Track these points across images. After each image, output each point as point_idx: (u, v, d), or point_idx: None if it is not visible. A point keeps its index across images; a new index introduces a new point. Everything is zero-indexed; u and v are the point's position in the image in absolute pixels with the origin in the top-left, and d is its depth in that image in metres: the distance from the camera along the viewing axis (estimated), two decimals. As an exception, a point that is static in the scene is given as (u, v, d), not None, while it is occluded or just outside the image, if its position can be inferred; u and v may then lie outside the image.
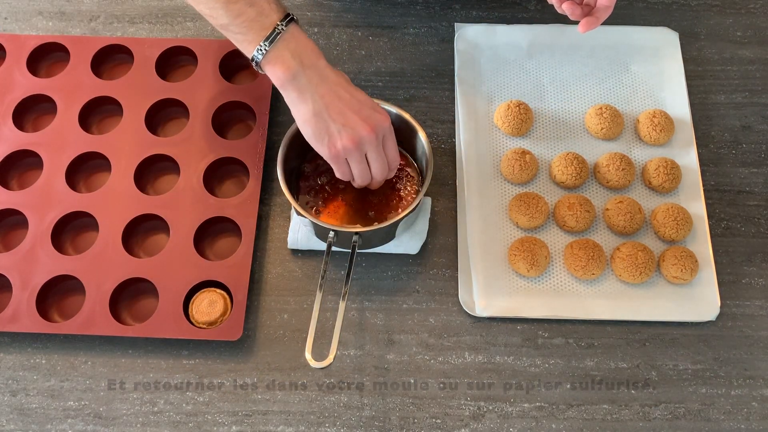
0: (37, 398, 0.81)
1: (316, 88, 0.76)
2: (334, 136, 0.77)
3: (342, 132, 0.76)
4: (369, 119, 0.77)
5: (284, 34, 0.75)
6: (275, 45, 0.75)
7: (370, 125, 0.76)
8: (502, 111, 0.94)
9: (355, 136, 0.76)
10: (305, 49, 0.76)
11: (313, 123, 0.77)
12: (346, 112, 0.76)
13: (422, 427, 0.79)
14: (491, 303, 0.84)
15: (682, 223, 0.86)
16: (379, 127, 0.77)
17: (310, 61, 0.76)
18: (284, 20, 0.76)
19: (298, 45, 0.76)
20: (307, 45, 0.77)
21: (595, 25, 0.82)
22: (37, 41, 0.99)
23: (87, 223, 0.88)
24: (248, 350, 0.83)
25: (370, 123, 0.76)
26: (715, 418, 0.79)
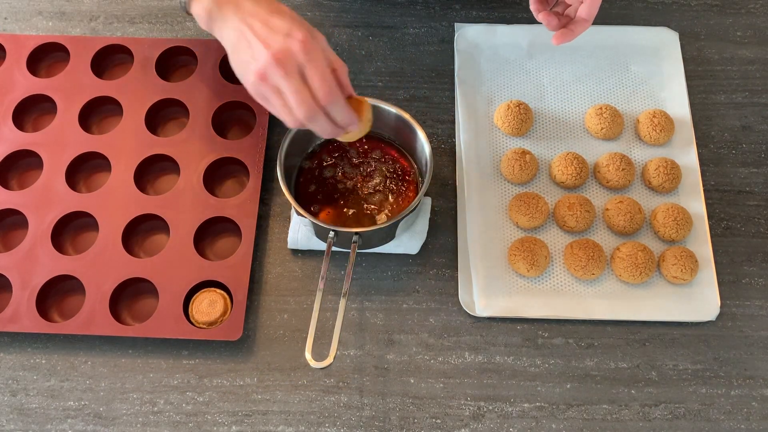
0: (37, 398, 0.81)
1: (229, 22, 0.73)
2: (246, 71, 0.72)
3: (249, 65, 0.71)
4: (273, 44, 0.69)
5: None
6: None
7: (272, 51, 0.68)
8: (502, 111, 0.94)
9: (258, 69, 0.69)
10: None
11: (232, 60, 0.74)
12: (252, 43, 0.70)
13: (422, 427, 0.79)
14: (491, 303, 0.84)
15: (682, 223, 0.86)
16: (284, 53, 0.69)
17: None
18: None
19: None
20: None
21: (570, 38, 0.81)
22: (37, 41, 0.99)
23: (87, 223, 0.88)
24: (248, 350, 0.83)
25: (273, 49, 0.69)
26: (715, 418, 0.79)
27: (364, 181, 0.88)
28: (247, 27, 0.71)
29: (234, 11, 0.73)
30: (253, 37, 0.70)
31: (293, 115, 0.71)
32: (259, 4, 0.73)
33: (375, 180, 0.88)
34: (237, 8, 0.73)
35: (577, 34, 0.82)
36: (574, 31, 0.82)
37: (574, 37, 0.82)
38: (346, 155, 0.90)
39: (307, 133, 0.87)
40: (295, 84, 0.69)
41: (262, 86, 0.70)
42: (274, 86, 0.70)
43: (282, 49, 0.69)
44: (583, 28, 0.82)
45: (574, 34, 0.82)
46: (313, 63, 0.69)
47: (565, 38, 0.82)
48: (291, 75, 0.69)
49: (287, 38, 0.69)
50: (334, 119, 0.73)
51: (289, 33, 0.70)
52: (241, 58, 0.72)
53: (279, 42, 0.69)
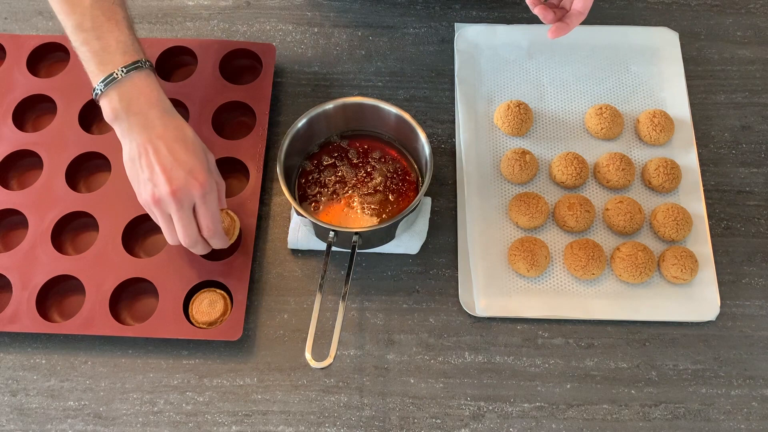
0: (37, 398, 0.81)
1: (134, 135, 0.76)
2: (140, 186, 0.76)
3: (146, 185, 0.75)
4: (174, 181, 0.74)
5: (121, 80, 0.75)
6: (109, 86, 0.75)
7: (172, 187, 0.74)
8: (502, 111, 0.94)
9: (156, 194, 0.75)
10: (139, 96, 0.76)
11: (128, 167, 0.77)
12: (154, 166, 0.74)
13: (422, 427, 0.79)
14: (491, 303, 0.84)
15: (682, 223, 0.86)
16: (183, 191, 0.74)
17: (138, 108, 0.75)
18: (128, 66, 0.75)
19: (131, 90, 0.75)
20: (144, 92, 0.76)
21: (565, 31, 0.82)
22: (37, 41, 0.99)
23: (87, 223, 0.88)
24: (248, 350, 0.83)
25: (173, 185, 0.74)
26: (715, 418, 0.79)
27: (364, 181, 0.88)
28: (153, 150, 0.75)
29: (142, 127, 0.75)
30: (156, 165, 0.74)
31: (175, 239, 0.78)
32: (167, 128, 0.76)
33: (375, 180, 0.88)
34: (145, 126, 0.75)
35: (572, 27, 0.82)
36: (569, 24, 0.82)
37: (570, 30, 0.82)
38: (346, 155, 0.90)
39: (308, 133, 0.88)
40: (185, 219, 0.76)
41: (154, 207, 0.76)
42: (166, 212, 0.76)
43: (182, 188, 0.74)
44: (578, 21, 0.82)
45: (570, 27, 0.82)
46: (206, 205, 0.76)
47: (560, 32, 0.81)
48: (184, 210, 0.75)
49: (188, 177, 0.74)
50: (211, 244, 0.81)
51: (191, 171, 0.75)
52: (140, 175, 0.76)
53: (181, 179, 0.74)
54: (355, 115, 0.89)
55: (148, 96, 0.76)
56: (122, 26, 0.78)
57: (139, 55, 0.77)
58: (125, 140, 0.77)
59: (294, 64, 1.00)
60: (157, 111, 0.76)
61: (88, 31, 0.76)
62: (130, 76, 0.75)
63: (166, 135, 0.76)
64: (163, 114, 0.77)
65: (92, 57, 0.76)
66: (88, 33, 0.76)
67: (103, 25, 0.76)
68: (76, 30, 0.76)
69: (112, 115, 0.76)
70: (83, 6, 0.76)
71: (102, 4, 0.77)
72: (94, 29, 0.76)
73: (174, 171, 0.74)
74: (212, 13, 1.05)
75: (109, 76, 0.75)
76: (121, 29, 0.77)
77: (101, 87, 0.75)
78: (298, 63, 1.01)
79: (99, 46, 0.76)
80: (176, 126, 0.77)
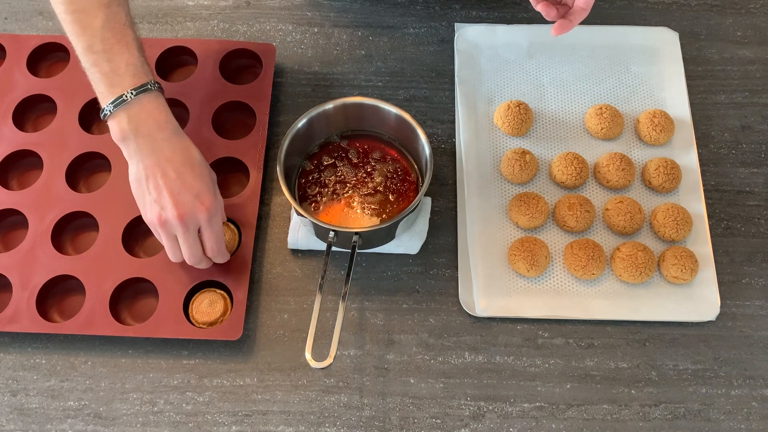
0: (37, 398, 0.81)
1: (142, 157, 0.76)
2: (146, 207, 0.78)
3: (152, 206, 0.77)
4: (181, 205, 0.76)
5: (130, 102, 0.76)
6: (118, 108, 0.76)
7: (179, 211, 0.75)
8: (502, 111, 0.94)
9: (162, 216, 0.76)
10: (148, 118, 0.77)
11: (134, 187, 0.78)
12: (162, 190, 0.76)
13: (422, 427, 0.79)
14: (491, 303, 0.84)
15: (682, 223, 0.86)
16: (189, 216, 0.76)
17: (146, 131, 0.76)
18: (137, 89, 0.76)
19: (140, 113, 0.76)
20: (152, 115, 0.77)
21: (568, 28, 0.82)
22: (37, 41, 0.99)
23: (87, 223, 0.88)
24: (248, 350, 0.83)
25: (180, 209, 0.75)
26: (715, 418, 0.79)
27: (364, 181, 0.88)
28: (161, 173, 0.76)
29: (150, 149, 0.76)
30: (164, 188, 0.76)
31: (179, 257, 0.80)
32: (175, 151, 0.77)
33: (375, 180, 0.88)
34: (153, 148, 0.76)
35: (575, 23, 0.82)
36: (572, 21, 0.81)
37: (572, 27, 0.81)
38: (346, 155, 0.90)
39: (308, 133, 0.88)
40: (191, 240, 0.78)
41: (160, 229, 0.78)
42: (171, 234, 0.78)
43: (189, 213, 0.76)
44: (581, 17, 0.82)
45: (573, 24, 0.81)
46: (211, 228, 0.78)
47: (563, 29, 0.81)
48: (189, 233, 0.77)
49: (195, 201, 0.76)
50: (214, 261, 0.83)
51: (198, 195, 0.77)
52: (146, 196, 0.77)
53: (188, 204, 0.76)
54: (355, 115, 0.89)
55: (157, 118, 0.77)
56: (132, 48, 0.78)
57: (148, 77, 0.78)
58: (132, 161, 0.78)
59: (294, 64, 1.00)
60: (165, 134, 0.77)
61: (99, 53, 0.76)
62: (139, 98, 0.76)
63: (174, 158, 0.77)
64: (171, 136, 0.78)
65: (102, 78, 0.77)
66: (99, 55, 0.77)
67: (113, 47, 0.77)
68: (87, 51, 0.77)
69: (121, 136, 0.77)
70: (94, 28, 0.77)
71: (113, 26, 0.77)
72: (104, 51, 0.76)
73: (181, 195, 0.76)
74: (212, 13, 1.05)
75: (118, 98, 0.76)
76: (131, 51, 0.78)
77: (110, 108, 0.76)
78: (298, 63, 1.01)
79: (109, 68, 0.77)
80: (183, 148, 0.78)
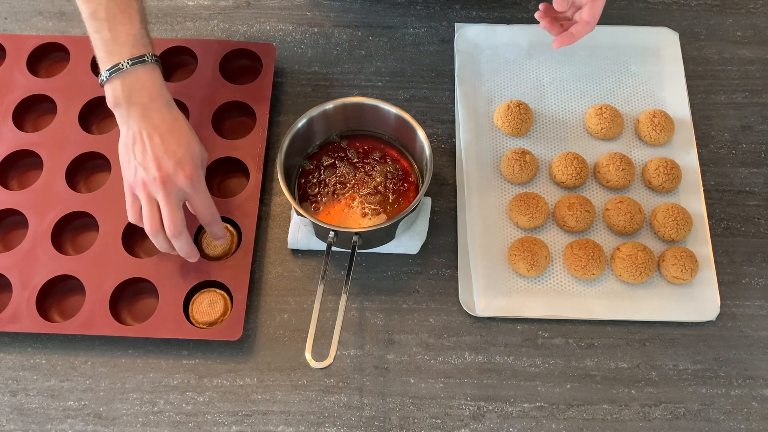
0: (37, 398, 0.81)
1: (131, 123, 0.78)
2: (130, 169, 0.79)
3: (137, 169, 0.78)
4: (164, 168, 0.77)
5: (125, 71, 0.78)
6: (113, 75, 0.78)
7: (161, 173, 0.76)
8: (502, 111, 0.94)
9: (146, 178, 0.77)
10: (141, 89, 0.78)
11: (122, 152, 0.80)
12: (147, 153, 0.77)
13: (422, 427, 0.79)
14: (491, 303, 0.84)
15: (682, 223, 0.86)
16: (170, 182, 0.77)
17: (138, 100, 0.78)
18: (134, 59, 0.78)
19: (134, 83, 0.78)
20: (146, 86, 0.79)
21: (569, 41, 0.83)
22: (37, 41, 0.99)
23: (87, 223, 0.88)
24: (248, 350, 0.83)
25: (162, 172, 0.77)
26: (715, 418, 0.79)
27: (364, 181, 0.88)
28: (147, 138, 0.78)
29: (140, 117, 0.78)
30: (149, 151, 0.77)
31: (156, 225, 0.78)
32: (164, 120, 0.79)
33: (375, 180, 0.88)
34: (143, 116, 0.78)
35: (578, 37, 0.82)
36: (574, 34, 0.82)
37: (575, 40, 0.83)
38: (346, 156, 0.90)
39: (308, 133, 0.88)
40: (172, 205, 0.77)
41: (140, 189, 0.78)
42: (151, 197, 0.78)
43: (170, 176, 0.77)
44: (586, 31, 0.83)
45: (575, 37, 0.83)
46: (197, 195, 0.79)
47: (564, 42, 0.82)
48: (171, 198, 0.77)
49: (177, 167, 0.77)
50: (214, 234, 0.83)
51: (179, 162, 0.77)
52: (131, 160, 0.78)
53: (170, 168, 0.77)
54: (355, 115, 0.89)
55: (150, 90, 0.79)
56: (134, 20, 0.80)
57: (146, 50, 0.80)
58: (123, 126, 0.79)
59: (294, 64, 1.00)
60: (157, 104, 0.79)
61: (101, 21, 0.79)
62: (135, 69, 0.78)
63: (161, 126, 0.78)
64: (162, 107, 0.79)
65: (102, 45, 0.79)
66: (101, 23, 0.79)
67: (116, 16, 0.79)
68: (90, 18, 0.79)
69: (114, 101, 0.79)
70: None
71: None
72: (107, 20, 0.78)
73: (164, 159, 0.77)
74: (212, 13, 1.05)
75: (114, 66, 0.78)
76: (133, 23, 0.80)
77: (106, 75, 0.78)
78: (298, 63, 1.01)
79: (109, 36, 0.79)
80: (173, 119, 0.80)
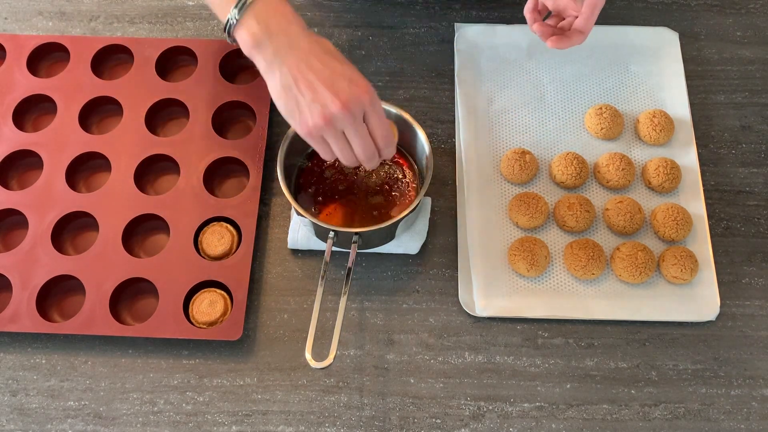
0: (37, 398, 0.81)
1: (284, 58, 0.70)
2: (305, 112, 0.70)
3: (312, 107, 0.69)
4: (341, 93, 0.69)
5: (253, 1, 0.70)
6: (243, 11, 0.70)
7: (341, 100, 0.68)
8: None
9: (325, 113, 0.69)
10: (275, 13, 0.70)
11: (283, 97, 0.71)
12: (316, 85, 0.69)
13: (422, 427, 0.79)
14: (491, 303, 0.84)
15: (682, 223, 0.86)
16: (354, 101, 0.69)
17: (277, 28, 0.70)
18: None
19: (266, 10, 0.70)
20: (278, 9, 0.71)
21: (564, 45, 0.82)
22: (37, 41, 0.99)
23: (87, 223, 0.88)
24: (248, 350, 0.83)
25: (341, 97, 0.68)
26: (715, 418, 0.79)
27: (364, 181, 0.88)
28: (307, 68, 0.69)
29: (289, 47, 0.70)
30: (317, 82, 0.69)
31: (352, 157, 0.73)
32: (312, 43, 0.71)
33: (375, 180, 0.88)
34: (291, 45, 0.70)
35: (572, 43, 0.83)
36: (570, 38, 0.82)
37: (569, 45, 0.83)
38: (346, 155, 0.90)
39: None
40: (361, 130, 0.71)
41: (326, 129, 0.70)
42: (339, 131, 0.71)
43: (351, 98, 0.69)
44: (579, 40, 0.83)
45: (570, 42, 0.83)
46: (376, 112, 0.71)
47: (560, 43, 0.82)
48: (357, 122, 0.70)
49: (351, 85, 0.69)
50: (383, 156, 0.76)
51: (351, 79, 0.70)
52: (301, 100, 0.70)
53: (345, 90, 0.69)
54: (355, 115, 0.89)
55: (284, 12, 0.71)
56: None
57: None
58: (273, 68, 0.70)
59: (294, 64, 1.00)
60: (297, 27, 0.71)
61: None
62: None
63: (314, 50, 0.70)
64: (303, 29, 0.71)
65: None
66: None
67: None
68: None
69: (253, 42, 0.70)
70: None
71: None
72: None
73: (337, 83, 0.69)
74: (212, 13, 1.04)
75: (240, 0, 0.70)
76: None
77: (235, 15, 0.70)
78: (298, 63, 1.01)
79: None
80: (318, 40, 0.72)
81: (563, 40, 0.82)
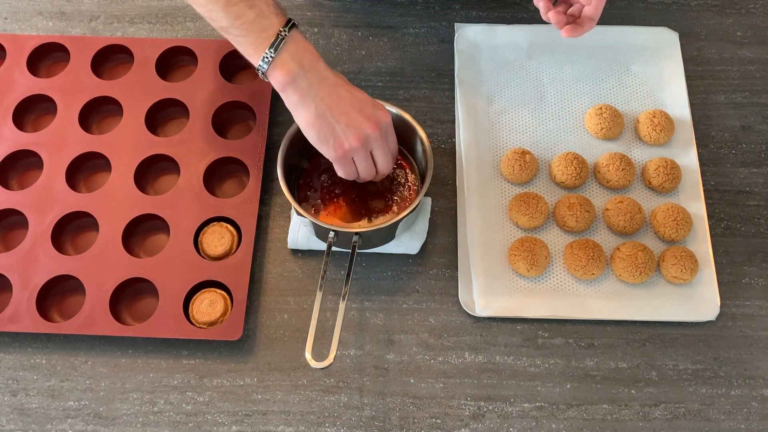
0: (37, 398, 0.81)
1: (317, 91, 0.76)
2: (340, 137, 0.77)
3: (347, 132, 0.76)
4: (372, 117, 0.77)
5: (286, 40, 0.75)
6: (281, 48, 0.75)
7: (374, 122, 0.77)
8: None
9: (361, 135, 0.77)
10: (304, 51, 0.76)
11: (317, 126, 0.77)
12: (349, 112, 0.76)
13: (422, 427, 0.79)
14: (491, 303, 0.84)
15: (682, 223, 0.86)
16: (382, 123, 0.78)
17: (309, 64, 0.76)
18: (286, 26, 0.76)
19: (297, 48, 0.76)
20: (306, 47, 0.77)
21: (578, 33, 0.82)
22: (37, 41, 0.99)
23: (87, 223, 0.88)
24: (248, 350, 0.83)
25: (373, 120, 0.77)
26: (715, 418, 0.79)
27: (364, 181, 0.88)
28: (338, 98, 0.77)
29: (320, 81, 0.76)
30: (350, 109, 0.77)
31: (373, 173, 0.81)
32: (336, 75, 0.78)
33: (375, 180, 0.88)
34: (321, 78, 0.77)
35: (584, 30, 0.83)
36: (582, 26, 0.82)
37: (582, 33, 0.82)
38: (346, 155, 0.90)
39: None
40: (385, 148, 0.80)
41: (359, 151, 0.78)
42: (368, 151, 0.79)
43: (380, 120, 0.78)
44: (590, 27, 0.83)
45: (583, 29, 0.83)
46: (391, 133, 0.81)
47: (574, 32, 0.82)
48: (384, 142, 0.80)
49: (376, 109, 0.78)
50: None
51: (374, 104, 0.79)
52: (335, 126, 0.76)
53: (374, 114, 0.78)
54: (355, 115, 0.89)
55: (310, 50, 0.77)
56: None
57: (285, 12, 0.78)
58: (307, 100, 0.76)
59: (294, 64, 1.00)
60: (322, 62, 0.78)
61: (238, 4, 0.75)
62: (291, 34, 0.76)
63: (339, 82, 0.78)
64: (326, 65, 0.78)
65: (251, 28, 0.75)
66: (239, 5, 0.75)
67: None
68: (227, 6, 0.75)
69: (289, 78, 0.75)
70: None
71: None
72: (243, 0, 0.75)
73: (365, 109, 0.77)
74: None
75: (277, 40, 0.75)
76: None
77: (271, 54, 0.75)
78: (298, 63, 1.01)
79: (253, 15, 0.75)
80: (338, 74, 0.79)
81: (576, 29, 0.82)
